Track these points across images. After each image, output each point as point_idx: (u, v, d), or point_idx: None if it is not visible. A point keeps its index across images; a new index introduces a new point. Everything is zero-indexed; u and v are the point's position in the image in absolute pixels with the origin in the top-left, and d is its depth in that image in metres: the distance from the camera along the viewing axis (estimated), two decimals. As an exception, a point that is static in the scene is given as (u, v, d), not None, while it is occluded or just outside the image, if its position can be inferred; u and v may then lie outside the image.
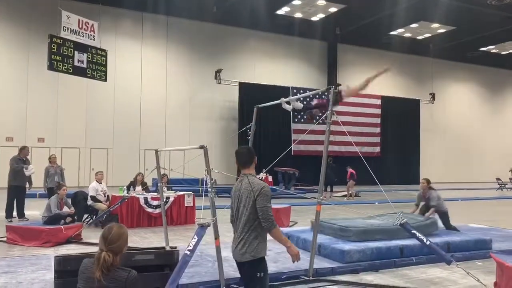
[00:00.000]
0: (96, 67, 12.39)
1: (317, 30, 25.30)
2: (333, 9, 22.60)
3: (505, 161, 30.23)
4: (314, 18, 23.92)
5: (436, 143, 31.28)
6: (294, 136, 23.82)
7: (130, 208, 9.91)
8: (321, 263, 6.19)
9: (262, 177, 15.77)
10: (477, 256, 6.99)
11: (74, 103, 21.20)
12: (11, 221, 9.99)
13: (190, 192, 11.03)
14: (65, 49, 11.53)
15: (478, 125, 33.64)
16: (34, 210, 11.37)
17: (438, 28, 25.47)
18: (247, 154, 3.56)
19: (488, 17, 22.87)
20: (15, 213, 10.50)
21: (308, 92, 16.45)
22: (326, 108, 6.14)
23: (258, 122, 8.46)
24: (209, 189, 5.04)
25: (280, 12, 22.94)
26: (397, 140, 28.42)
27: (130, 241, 3.00)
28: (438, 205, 8.40)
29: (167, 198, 10.17)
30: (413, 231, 5.74)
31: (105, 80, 12.93)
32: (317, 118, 6.65)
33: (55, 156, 11.65)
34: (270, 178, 18.91)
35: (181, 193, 10.91)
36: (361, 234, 6.82)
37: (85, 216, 10.07)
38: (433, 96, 29.96)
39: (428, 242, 5.62)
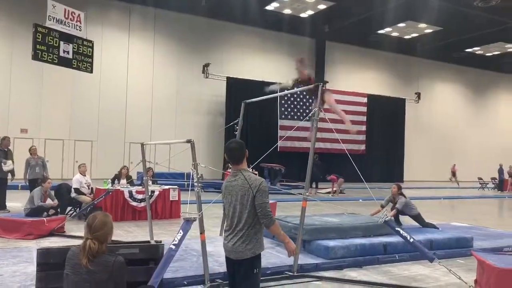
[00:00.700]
0: (82, 58, 12.19)
1: (306, 27, 25.34)
2: (322, 6, 22.64)
3: (487, 162, 30.78)
4: (303, 15, 23.93)
5: (420, 142, 31.65)
6: (281, 133, 23.85)
7: (114, 202, 9.83)
8: (306, 259, 6.23)
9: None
10: (458, 254, 7.11)
11: (58, 94, 20.88)
12: (-8, 212, 9.83)
13: (176, 186, 10.99)
14: (50, 39, 11.32)
15: (462, 125, 34.14)
16: (16, 202, 11.19)
17: (425, 28, 25.71)
18: (239, 150, 3.39)
19: (474, 18, 23.16)
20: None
21: (295, 88, 16.44)
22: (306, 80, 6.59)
23: (246, 117, 8.45)
24: (196, 183, 5.03)
25: (269, 7, 22.89)
26: (382, 139, 28.67)
27: (114, 234, 3.00)
28: (407, 211, 8.52)
29: (152, 192, 10.11)
30: (397, 228, 5.82)
31: (91, 71, 12.74)
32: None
33: (35, 148, 11.42)
34: (256, 174, 18.91)
35: (166, 187, 10.86)
36: (314, 232, 6.77)
37: (69, 208, 9.97)
38: (418, 95, 30.28)
39: (411, 240, 5.70)
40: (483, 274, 4.82)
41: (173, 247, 4.65)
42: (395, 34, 26.90)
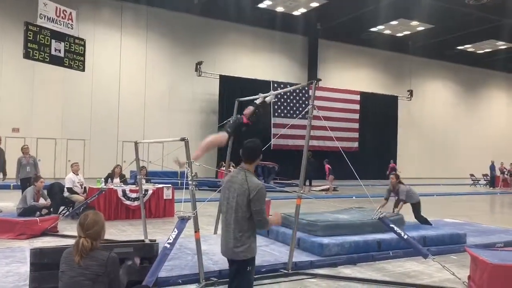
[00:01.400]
0: (73, 56, 12.09)
1: (299, 25, 25.36)
2: (314, 4, 22.66)
3: (478, 158, 31.00)
4: (295, 13, 23.94)
5: (413, 139, 31.81)
6: (274, 130, 23.83)
7: (107, 201, 9.78)
8: (300, 257, 6.23)
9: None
10: (452, 250, 7.15)
11: (50, 92, 20.72)
12: (-17, 212, 9.73)
13: (169, 185, 10.95)
14: (42, 37, 11.21)
15: (454, 122, 34.38)
16: (8, 202, 11.10)
17: (417, 26, 25.83)
18: (255, 150, 3.47)
19: (466, 16, 23.32)
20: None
21: (289, 86, 16.50)
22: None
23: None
24: (190, 182, 5.01)
25: (262, 5, 22.88)
26: (375, 136, 28.76)
27: (107, 233, 3.05)
28: (408, 199, 8.73)
29: (146, 190, 10.07)
30: (391, 225, 5.84)
31: (83, 70, 12.64)
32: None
33: (28, 147, 11.35)
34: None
35: (160, 185, 10.83)
36: (328, 229, 6.82)
37: (62, 208, 9.89)
38: (411, 93, 30.40)
39: (405, 236, 5.73)
40: (476, 270, 4.86)
41: (168, 245, 4.64)
42: (387, 32, 27.00)
